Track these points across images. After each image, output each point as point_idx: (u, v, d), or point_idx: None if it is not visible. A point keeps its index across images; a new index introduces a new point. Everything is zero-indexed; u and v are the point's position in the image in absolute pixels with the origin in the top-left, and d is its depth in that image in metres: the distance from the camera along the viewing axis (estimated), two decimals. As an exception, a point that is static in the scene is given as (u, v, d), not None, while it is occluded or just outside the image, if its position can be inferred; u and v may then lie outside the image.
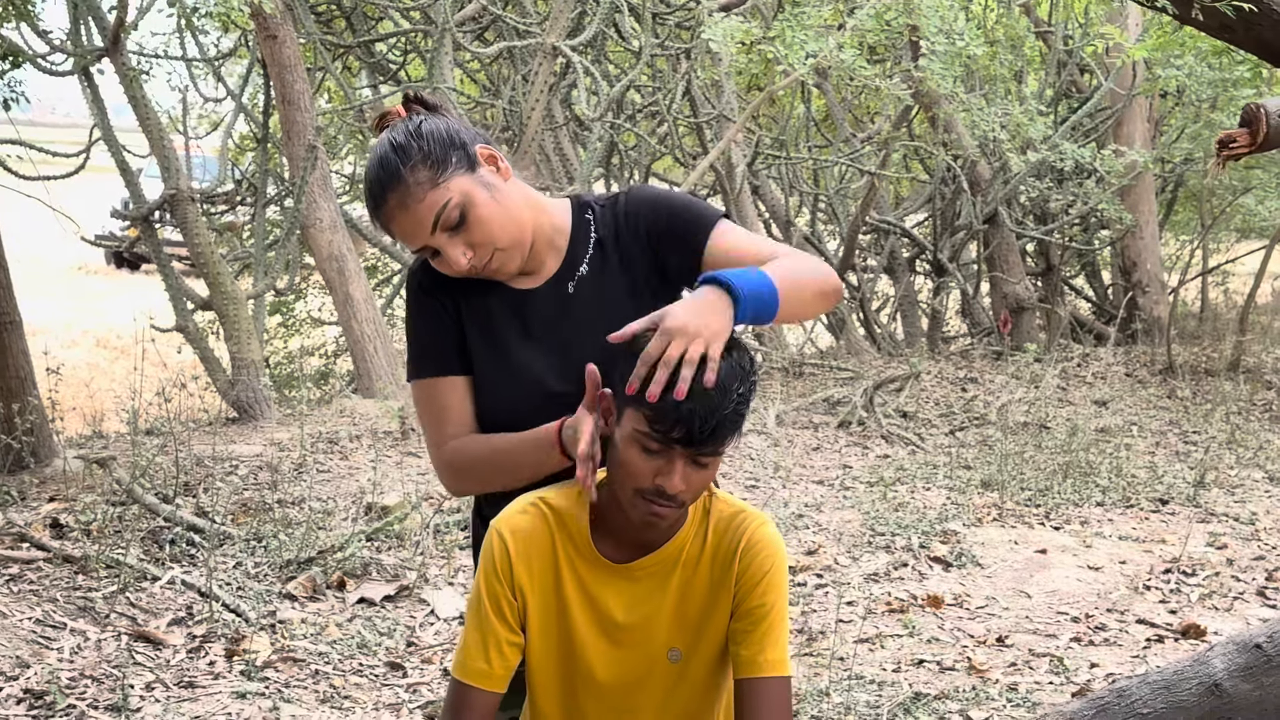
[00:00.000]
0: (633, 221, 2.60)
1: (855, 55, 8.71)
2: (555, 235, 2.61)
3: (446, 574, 5.72)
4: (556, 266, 2.60)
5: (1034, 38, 13.57)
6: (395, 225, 2.47)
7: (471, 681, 2.41)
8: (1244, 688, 3.13)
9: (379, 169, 2.45)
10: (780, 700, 2.37)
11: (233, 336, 8.24)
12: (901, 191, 16.05)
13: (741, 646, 2.39)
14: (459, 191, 2.44)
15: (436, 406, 2.62)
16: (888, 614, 5.68)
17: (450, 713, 2.43)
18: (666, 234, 2.57)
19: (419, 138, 2.45)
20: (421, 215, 2.43)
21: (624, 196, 2.65)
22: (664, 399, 2.19)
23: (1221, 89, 11.86)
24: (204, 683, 4.51)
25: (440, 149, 2.45)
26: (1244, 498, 7.91)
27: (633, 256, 2.59)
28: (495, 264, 2.50)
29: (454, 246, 2.45)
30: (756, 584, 2.40)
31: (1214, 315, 16.14)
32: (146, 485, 6.12)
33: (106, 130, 8.13)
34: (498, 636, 2.40)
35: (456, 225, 2.44)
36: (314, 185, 8.91)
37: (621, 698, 2.47)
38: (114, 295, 18.65)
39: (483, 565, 2.43)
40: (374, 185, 2.46)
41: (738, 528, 2.44)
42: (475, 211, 2.44)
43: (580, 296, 2.58)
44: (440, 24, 9.62)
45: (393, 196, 2.44)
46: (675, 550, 2.42)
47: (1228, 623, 5.63)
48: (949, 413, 10.21)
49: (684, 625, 2.44)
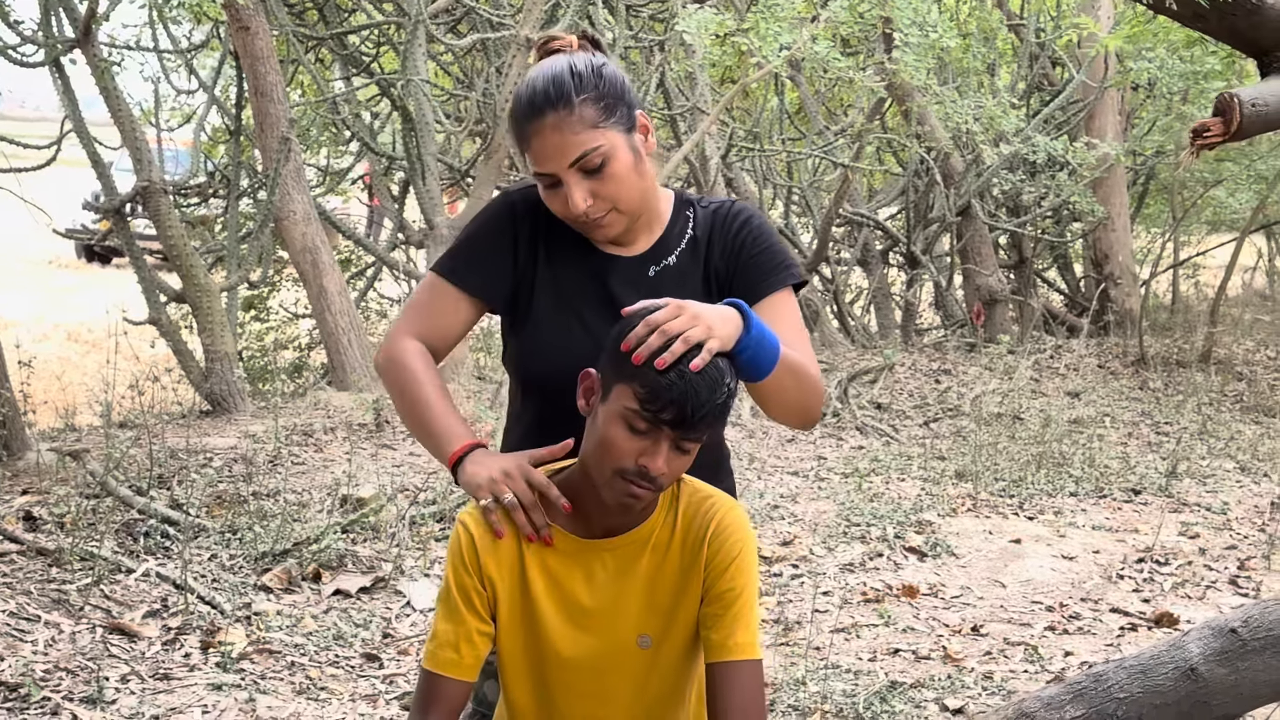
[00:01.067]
0: (731, 236, 2.65)
1: (829, 47, 8.70)
2: (654, 219, 2.66)
3: (422, 565, 5.71)
4: (646, 247, 2.65)
5: (1006, 30, 13.62)
6: (538, 140, 2.48)
7: (442, 671, 2.41)
8: (1220, 672, 3.15)
9: (552, 84, 2.47)
10: (751, 683, 2.38)
11: (206, 329, 8.21)
12: (875, 184, 16.06)
13: (712, 631, 2.40)
14: (611, 143, 2.48)
15: (429, 303, 2.68)
16: (863, 604, 5.70)
17: (420, 702, 2.42)
18: (750, 264, 2.63)
19: (600, 77, 2.50)
20: (569, 146, 2.46)
21: (730, 206, 2.70)
22: (663, 376, 2.21)
23: (1193, 81, 11.91)
24: (179, 674, 4.50)
25: (614, 97, 2.51)
26: (1216, 487, 7.96)
27: (716, 265, 2.65)
28: (606, 221, 2.54)
29: (580, 188, 2.49)
30: (726, 568, 2.40)
31: (1185, 307, 16.21)
32: (120, 478, 6.09)
33: (78, 122, 8.09)
34: (467, 626, 2.40)
35: (593, 171, 2.48)
36: (287, 177, 8.87)
37: (592, 684, 2.47)
38: (85, 289, 18.56)
39: (451, 556, 2.44)
40: (539, 96, 2.48)
41: (706, 512, 2.44)
42: (615, 167, 2.49)
43: (660, 283, 2.61)
44: (413, 16, 9.59)
45: (552, 116, 2.46)
46: (645, 534, 2.43)
47: (1201, 611, 5.66)
48: (923, 404, 10.24)
49: (654, 611, 2.44)
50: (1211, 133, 3.37)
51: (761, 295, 2.60)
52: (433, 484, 6.67)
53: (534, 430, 2.62)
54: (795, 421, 2.60)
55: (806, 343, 2.62)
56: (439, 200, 10.27)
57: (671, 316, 2.25)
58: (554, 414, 2.56)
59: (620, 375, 2.26)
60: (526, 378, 2.66)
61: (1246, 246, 13.83)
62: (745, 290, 2.60)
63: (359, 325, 9.45)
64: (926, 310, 15.71)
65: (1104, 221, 13.58)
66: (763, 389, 2.45)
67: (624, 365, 2.26)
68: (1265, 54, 3.54)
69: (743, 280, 2.62)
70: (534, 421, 2.65)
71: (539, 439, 2.54)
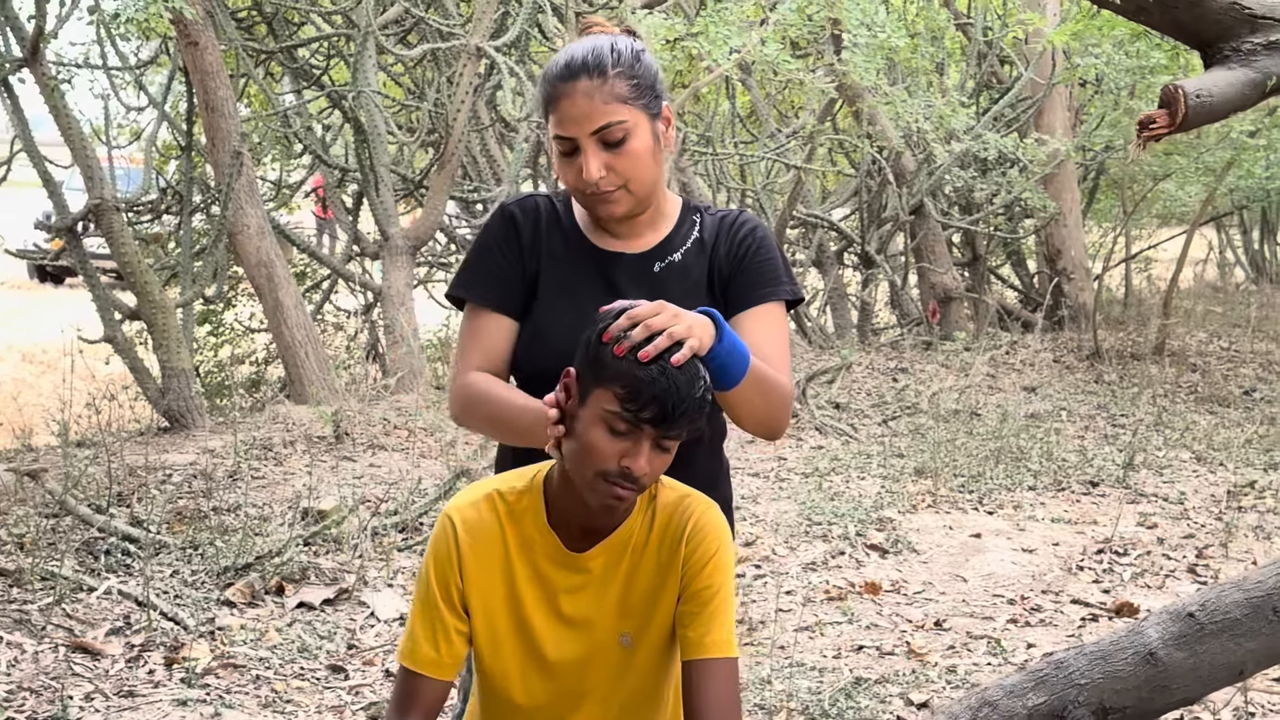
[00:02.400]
0: (737, 241, 2.71)
1: (779, 49, 8.75)
2: (660, 217, 2.73)
3: (385, 576, 5.71)
4: (651, 245, 2.71)
5: (954, 29, 13.70)
6: (566, 101, 2.56)
7: (421, 670, 2.41)
8: (1178, 656, 3.19)
9: (592, 54, 2.56)
10: (727, 680, 2.39)
11: (162, 345, 8.16)
12: (828, 185, 16.13)
13: (688, 629, 2.41)
14: (635, 121, 2.56)
15: (472, 334, 2.71)
16: (826, 602, 5.72)
17: (399, 702, 2.42)
18: (748, 271, 2.69)
19: (638, 61, 2.59)
20: (595, 113, 2.54)
21: (738, 215, 2.77)
22: (644, 370, 2.23)
23: (1139, 76, 12.01)
24: (144, 691, 4.48)
25: (646, 82, 2.59)
26: (1172, 478, 8.03)
27: (721, 267, 2.70)
28: (615, 197, 2.60)
29: (597, 158, 2.55)
30: (703, 567, 2.42)
31: (1138, 301, 16.34)
32: (79, 496, 6.06)
33: (28, 141, 8.04)
34: (446, 624, 2.41)
35: (612, 144, 2.55)
36: (240, 191, 8.84)
37: (573, 682, 2.47)
38: (38, 309, 18.39)
39: (432, 553, 2.43)
40: (576, 62, 2.56)
41: (683, 512, 2.45)
42: (634, 144, 2.56)
43: (665, 279, 2.67)
44: (363, 27, 9.59)
45: (585, 81, 2.54)
46: (625, 536, 2.44)
47: (1160, 600, 5.71)
48: (881, 403, 10.29)
49: (633, 610, 2.45)
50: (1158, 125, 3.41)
51: (754, 303, 2.65)
52: (394, 495, 6.67)
53: None
54: (760, 432, 2.62)
55: (786, 357, 2.65)
56: (393, 211, 10.26)
57: (654, 313, 2.28)
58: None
59: (598, 378, 2.27)
60: (530, 372, 2.67)
61: (1197, 239, 13.94)
62: (740, 295, 2.66)
63: (316, 338, 9.42)
64: (882, 309, 15.79)
65: (1056, 217, 13.68)
66: (730, 398, 2.47)
67: (601, 368, 2.27)
68: (1208, 45, 3.58)
69: (739, 285, 2.67)
70: None
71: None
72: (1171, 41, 9.13)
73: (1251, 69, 3.48)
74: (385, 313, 10.33)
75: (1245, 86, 3.49)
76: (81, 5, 8.05)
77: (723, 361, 2.36)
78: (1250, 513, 7.24)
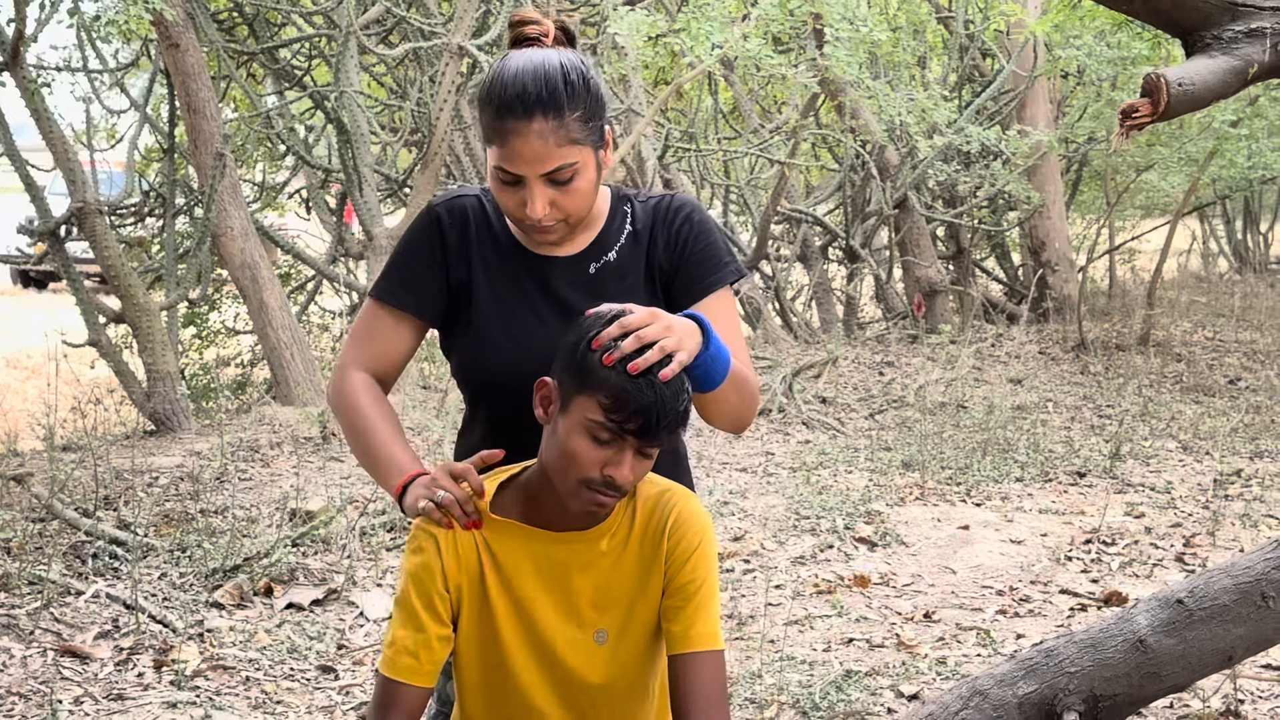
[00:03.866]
0: (674, 231, 2.64)
1: (761, 45, 8.76)
2: (590, 217, 2.62)
3: (374, 576, 5.70)
4: (584, 245, 2.63)
5: (936, 23, 13.71)
6: (518, 140, 2.42)
7: (400, 678, 2.39)
8: (1168, 642, 3.20)
9: (545, 88, 2.42)
10: (714, 673, 2.38)
11: (147, 348, 8.15)
12: (812, 180, 16.15)
13: (673, 623, 2.41)
14: (584, 160, 2.47)
15: (370, 330, 2.66)
16: (816, 595, 5.73)
17: (379, 710, 2.40)
18: (691, 262, 2.62)
19: (589, 88, 2.48)
20: (550, 157, 2.43)
21: (670, 200, 2.68)
22: (632, 382, 2.21)
23: (1121, 67, 12.00)
24: (133, 694, 4.47)
25: (598, 113, 2.50)
26: (1159, 468, 8.04)
27: (660, 260, 2.63)
28: (554, 229, 2.52)
29: (543, 195, 2.45)
30: (686, 560, 2.41)
31: (1122, 292, 16.36)
32: (66, 500, 6.04)
33: (9, 145, 8.01)
34: (427, 633, 2.39)
35: (560, 183, 2.45)
36: (223, 193, 8.82)
37: (551, 681, 2.46)
38: (22, 315, 18.36)
39: (411, 559, 2.42)
40: (529, 96, 2.41)
41: (664, 505, 2.45)
42: (580, 182, 2.47)
43: (602, 279, 2.60)
44: (344, 28, 9.56)
45: (539, 122, 2.41)
46: (603, 530, 2.43)
47: (1148, 589, 5.72)
48: (868, 396, 10.29)
49: (612, 606, 2.44)
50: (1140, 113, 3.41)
51: (704, 293, 2.61)
52: (382, 495, 6.65)
53: (488, 438, 2.61)
54: (730, 428, 2.62)
55: (742, 343, 2.63)
56: (377, 211, 10.24)
57: (645, 323, 2.25)
58: (505, 419, 2.56)
59: (581, 387, 2.25)
60: (475, 385, 2.65)
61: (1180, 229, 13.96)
62: (687, 285, 2.61)
63: (301, 339, 9.40)
64: (868, 304, 15.80)
65: (1039, 209, 13.69)
66: (707, 399, 2.47)
67: (585, 376, 2.25)
68: (1189, 34, 3.58)
69: (685, 277, 2.62)
70: (486, 429, 2.64)
71: (493, 445, 2.52)
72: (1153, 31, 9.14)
73: (1233, 56, 3.48)
74: (370, 313, 10.29)
75: (1227, 74, 3.49)
76: (61, 8, 8.02)
77: (707, 368, 2.36)
78: (1237, 501, 7.26)
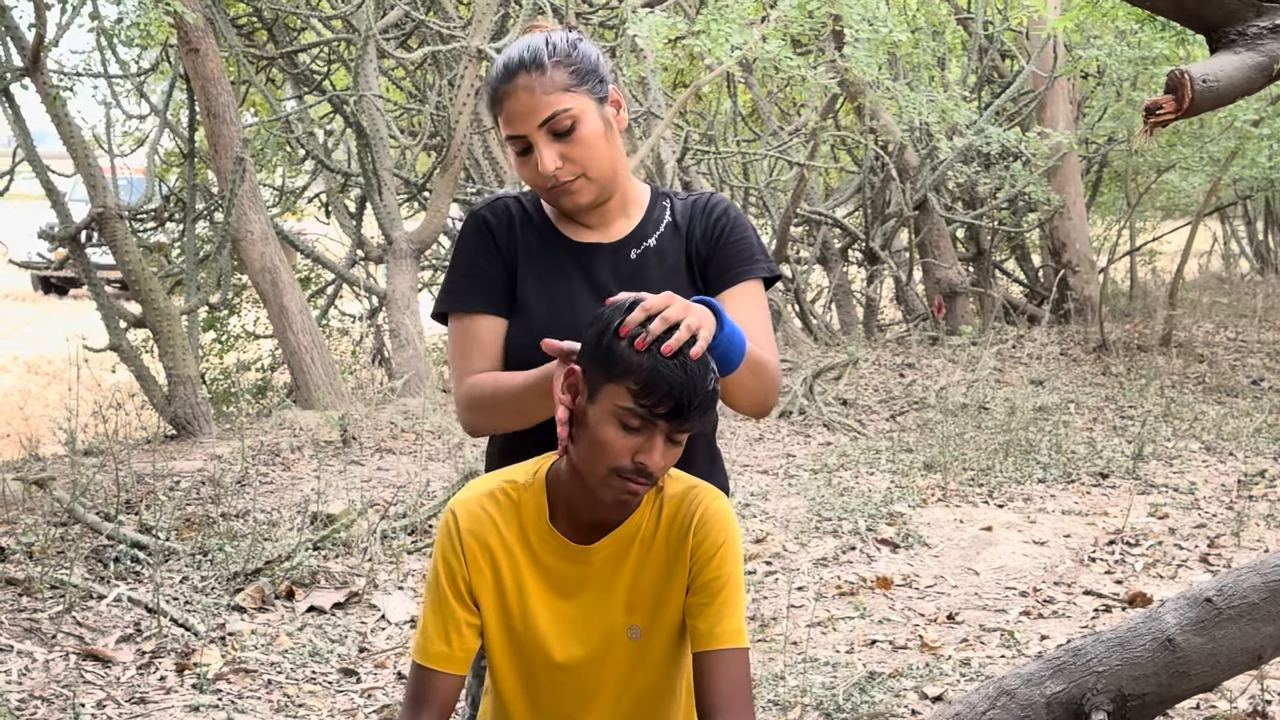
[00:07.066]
0: (711, 222, 2.71)
1: (780, 46, 8.74)
2: (630, 204, 2.72)
3: (395, 579, 5.69)
4: (624, 233, 2.70)
5: (955, 24, 13.69)
6: (510, 101, 2.57)
7: (433, 665, 2.40)
8: (1196, 641, 3.18)
9: (525, 50, 2.57)
10: (738, 671, 2.38)
11: (168, 353, 8.16)
12: (831, 182, 16.12)
13: (698, 620, 2.40)
14: (581, 107, 2.56)
15: (467, 340, 2.67)
16: (838, 597, 5.71)
17: (413, 698, 2.41)
18: (726, 251, 2.69)
19: (574, 48, 2.59)
20: (539, 106, 2.54)
21: (709, 197, 2.77)
22: (662, 363, 2.21)
23: (1142, 67, 11.98)
24: (156, 698, 4.47)
25: (586, 67, 2.60)
26: (1182, 468, 8.00)
27: (698, 248, 2.70)
28: (576, 187, 2.59)
29: (550, 150, 2.55)
30: (711, 557, 2.41)
31: (1144, 293, 16.31)
32: (87, 504, 6.05)
33: (30, 151, 8.03)
34: (456, 618, 2.40)
35: (562, 134, 2.55)
36: (243, 198, 8.84)
37: (582, 677, 2.46)
38: (43, 320, 18.44)
39: (440, 547, 2.42)
40: (512, 61, 2.58)
41: (690, 503, 2.44)
42: (584, 131, 2.56)
43: (643, 265, 2.67)
44: (363, 32, 9.58)
45: (524, 77, 2.55)
46: (632, 529, 2.42)
47: (1173, 590, 5.68)
48: (888, 398, 10.27)
49: (642, 602, 2.44)
50: (1164, 110, 3.40)
51: (733, 282, 2.65)
52: (402, 498, 6.65)
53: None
54: (753, 411, 2.63)
55: (770, 335, 2.65)
56: (396, 215, 10.26)
57: (666, 304, 2.26)
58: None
59: (610, 374, 2.25)
60: (517, 369, 2.64)
61: (1201, 230, 13.91)
62: (718, 275, 2.66)
63: (321, 342, 9.41)
64: (888, 305, 15.78)
65: (1060, 210, 13.66)
66: (727, 382, 2.46)
67: (613, 364, 2.25)
68: (1213, 30, 3.57)
69: (717, 265, 2.67)
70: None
71: (536, 430, 2.54)
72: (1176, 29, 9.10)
73: (1258, 52, 3.47)
74: (390, 317, 10.33)
75: (1251, 70, 3.47)
76: (82, 13, 8.04)
77: (723, 350, 2.36)
78: (1261, 501, 7.22)
